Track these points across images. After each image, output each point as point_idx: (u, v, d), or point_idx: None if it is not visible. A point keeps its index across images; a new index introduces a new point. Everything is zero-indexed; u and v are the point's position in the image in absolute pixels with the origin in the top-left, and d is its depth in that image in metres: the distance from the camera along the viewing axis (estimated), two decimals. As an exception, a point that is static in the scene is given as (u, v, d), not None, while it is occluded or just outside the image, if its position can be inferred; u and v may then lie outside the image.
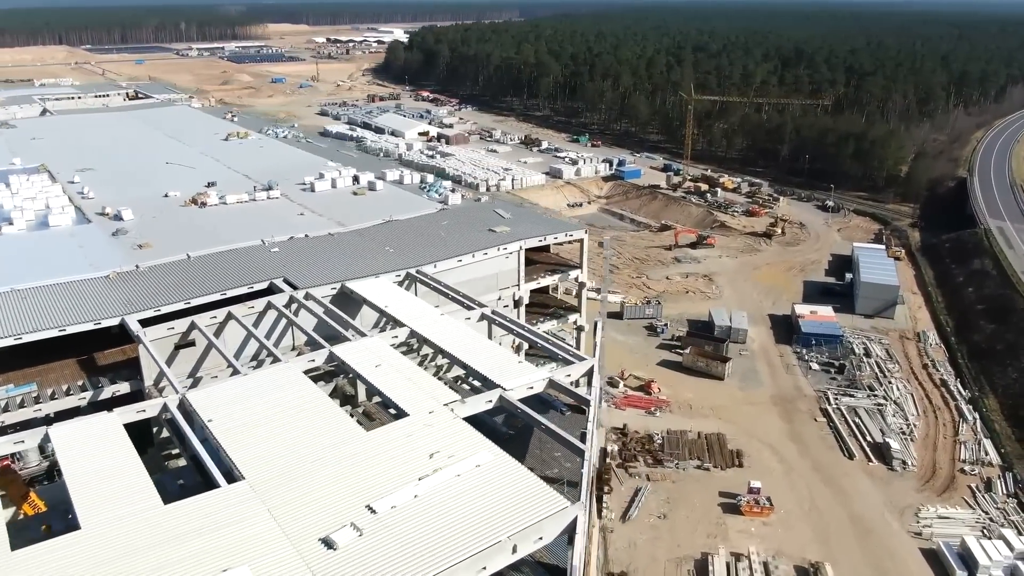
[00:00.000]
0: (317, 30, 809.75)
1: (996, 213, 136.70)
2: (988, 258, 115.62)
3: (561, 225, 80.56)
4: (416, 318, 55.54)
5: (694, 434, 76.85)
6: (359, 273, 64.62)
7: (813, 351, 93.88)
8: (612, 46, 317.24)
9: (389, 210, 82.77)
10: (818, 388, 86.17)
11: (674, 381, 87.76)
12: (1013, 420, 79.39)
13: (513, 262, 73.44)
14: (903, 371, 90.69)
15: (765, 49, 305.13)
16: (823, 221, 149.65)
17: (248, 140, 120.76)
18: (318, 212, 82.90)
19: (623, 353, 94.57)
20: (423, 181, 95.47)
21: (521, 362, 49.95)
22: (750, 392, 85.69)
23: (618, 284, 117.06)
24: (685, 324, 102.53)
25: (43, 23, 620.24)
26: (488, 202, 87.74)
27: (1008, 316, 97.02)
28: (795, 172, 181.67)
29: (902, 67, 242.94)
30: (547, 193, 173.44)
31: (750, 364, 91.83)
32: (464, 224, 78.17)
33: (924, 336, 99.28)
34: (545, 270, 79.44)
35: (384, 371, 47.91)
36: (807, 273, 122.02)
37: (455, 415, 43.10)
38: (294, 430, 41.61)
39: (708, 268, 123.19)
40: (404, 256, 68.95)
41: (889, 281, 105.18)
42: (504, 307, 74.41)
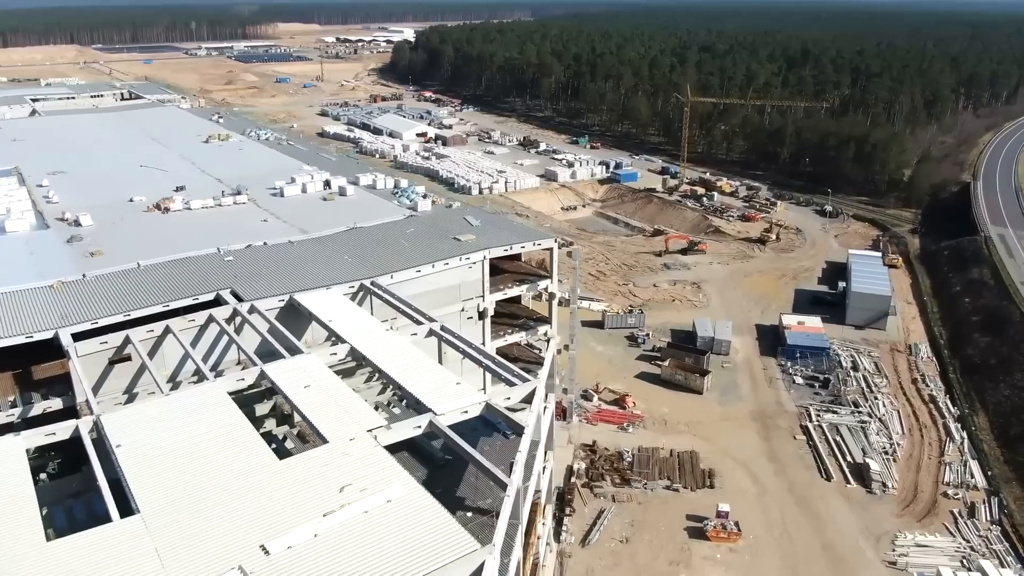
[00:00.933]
0: (328, 29, 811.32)
1: (998, 219, 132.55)
2: (986, 267, 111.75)
3: (530, 234, 77.74)
4: (358, 334, 52.97)
5: (666, 452, 73.99)
6: (312, 284, 62.07)
7: (798, 364, 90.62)
8: (616, 46, 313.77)
9: (355, 216, 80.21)
10: (800, 403, 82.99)
11: (651, 395, 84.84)
12: (1003, 440, 75.91)
13: (477, 272, 70.69)
14: (891, 386, 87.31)
15: (771, 50, 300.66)
16: (820, 227, 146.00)
17: (228, 142, 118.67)
18: (283, 218, 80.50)
19: (601, 364, 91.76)
20: (396, 186, 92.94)
21: (459, 383, 47.19)
22: (729, 407, 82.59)
23: (603, 292, 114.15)
24: (668, 334, 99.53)
25: (55, 23, 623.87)
26: (460, 208, 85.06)
27: (1003, 329, 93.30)
28: (796, 175, 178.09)
29: (909, 68, 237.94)
30: (540, 196, 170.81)
31: (732, 377, 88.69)
32: (429, 232, 75.51)
33: (916, 349, 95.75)
34: (514, 280, 76.66)
35: (312, 392, 45.34)
36: (800, 281, 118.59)
37: (376, 443, 40.48)
38: (204, 458, 39.11)
39: (697, 275, 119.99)
40: (361, 266, 66.36)
41: (881, 291, 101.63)
42: (468, 319, 71.90)
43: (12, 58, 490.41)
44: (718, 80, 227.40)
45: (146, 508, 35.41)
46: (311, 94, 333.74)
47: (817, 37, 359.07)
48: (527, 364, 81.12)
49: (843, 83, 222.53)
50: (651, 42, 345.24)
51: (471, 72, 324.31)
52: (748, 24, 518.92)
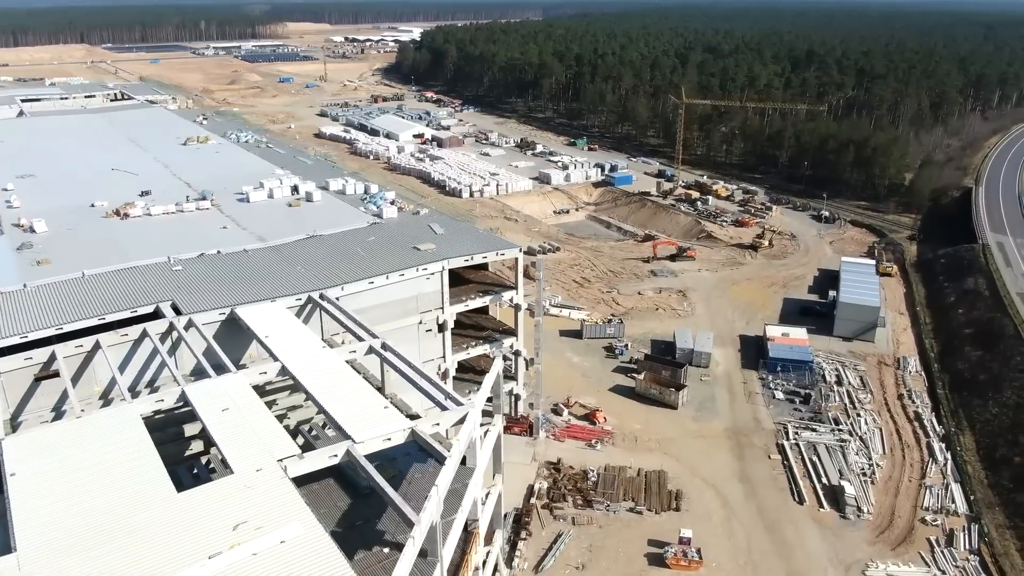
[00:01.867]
0: (338, 29, 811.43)
1: (999, 227, 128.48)
2: (982, 276, 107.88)
3: (495, 243, 75.03)
4: (293, 352, 50.46)
5: (634, 471, 71.03)
6: (258, 296, 59.69)
7: (780, 378, 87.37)
8: (620, 46, 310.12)
9: (319, 223, 77.91)
10: (779, 420, 79.75)
11: (624, 409, 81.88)
12: (988, 462, 72.40)
13: (435, 283, 68.14)
14: (875, 402, 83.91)
15: (776, 51, 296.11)
16: (816, 232, 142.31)
17: (206, 145, 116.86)
18: (243, 225, 78.30)
19: (575, 377, 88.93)
20: (366, 191, 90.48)
21: (387, 407, 44.51)
22: (704, 424, 79.50)
23: (586, 299, 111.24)
24: (648, 345, 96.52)
25: (66, 22, 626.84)
26: (427, 215, 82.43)
27: (995, 343, 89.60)
28: (795, 179, 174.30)
29: (915, 69, 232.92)
30: (533, 200, 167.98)
31: (709, 391, 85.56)
32: (390, 241, 73.02)
33: (905, 362, 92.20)
34: (478, 291, 74.00)
35: (229, 416, 42.89)
36: (789, 289, 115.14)
37: (284, 474, 37.93)
38: (98, 490, 36.69)
39: (684, 283, 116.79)
40: (312, 277, 63.94)
41: (869, 302, 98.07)
42: (427, 331, 69.40)
43: (21, 57, 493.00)
44: (719, 81, 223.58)
45: (24, 546, 33.06)
46: (313, 94, 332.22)
47: (826, 37, 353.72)
48: (493, 377, 78.71)
49: (847, 85, 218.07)
50: (655, 42, 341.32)
51: (473, 73, 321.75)
52: (758, 24, 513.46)
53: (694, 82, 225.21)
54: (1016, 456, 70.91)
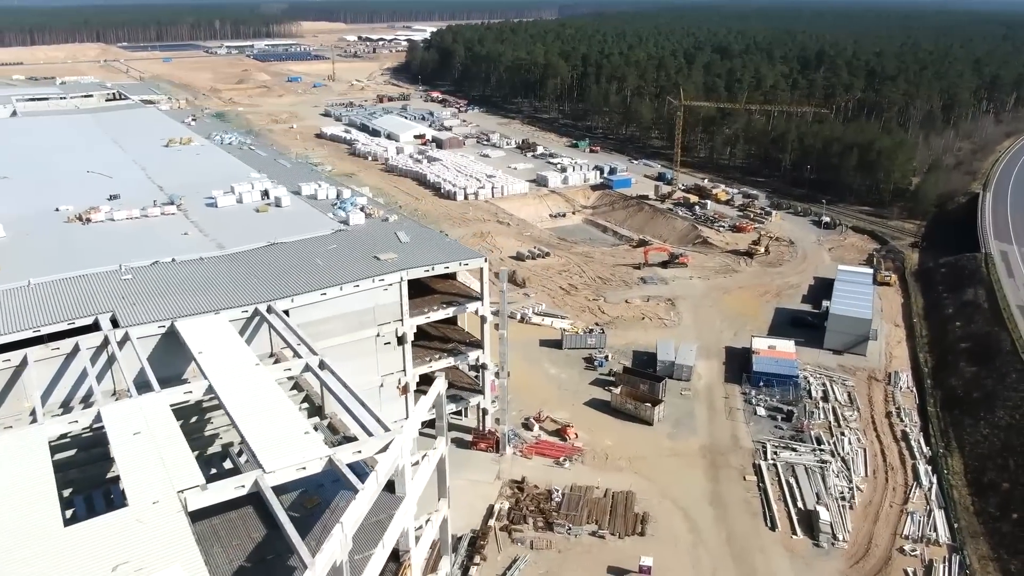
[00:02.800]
0: (353, 28, 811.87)
1: (1004, 235, 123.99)
2: (982, 287, 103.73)
3: (459, 252, 72.25)
4: (223, 369, 48.13)
5: (601, 491, 68.12)
6: (205, 307, 57.49)
7: (763, 393, 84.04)
8: (627, 46, 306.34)
9: (283, 230, 75.75)
10: (758, 438, 76.45)
11: (597, 425, 78.96)
12: (975, 487, 68.76)
13: (394, 295, 65.61)
14: (862, 420, 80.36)
15: (787, 51, 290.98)
16: (815, 239, 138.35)
17: (188, 147, 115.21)
18: (205, 231, 76.26)
19: (551, 390, 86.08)
20: (339, 196, 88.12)
21: (308, 433, 41.98)
22: (679, 441, 76.39)
23: (571, 307, 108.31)
24: (630, 356, 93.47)
25: (82, 21, 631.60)
26: (396, 221, 79.89)
27: (991, 359, 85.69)
28: (799, 183, 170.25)
29: (927, 70, 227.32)
30: (529, 203, 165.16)
31: (688, 407, 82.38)
32: (351, 250, 70.61)
33: (896, 377, 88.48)
34: (442, 302, 71.41)
35: (139, 441, 40.58)
36: (783, 299, 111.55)
37: (183, 508, 35.52)
38: (-18, 521, 34.55)
39: (674, 291, 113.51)
40: (263, 287, 61.65)
41: (861, 314, 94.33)
42: (385, 344, 66.92)
43: (36, 56, 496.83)
44: (724, 83, 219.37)
45: None
46: (319, 94, 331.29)
47: (840, 38, 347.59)
48: (460, 390, 76.28)
49: (855, 86, 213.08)
50: (665, 43, 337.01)
51: (480, 73, 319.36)
52: (773, 24, 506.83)
53: (699, 83, 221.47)
54: (1004, 481, 67.26)
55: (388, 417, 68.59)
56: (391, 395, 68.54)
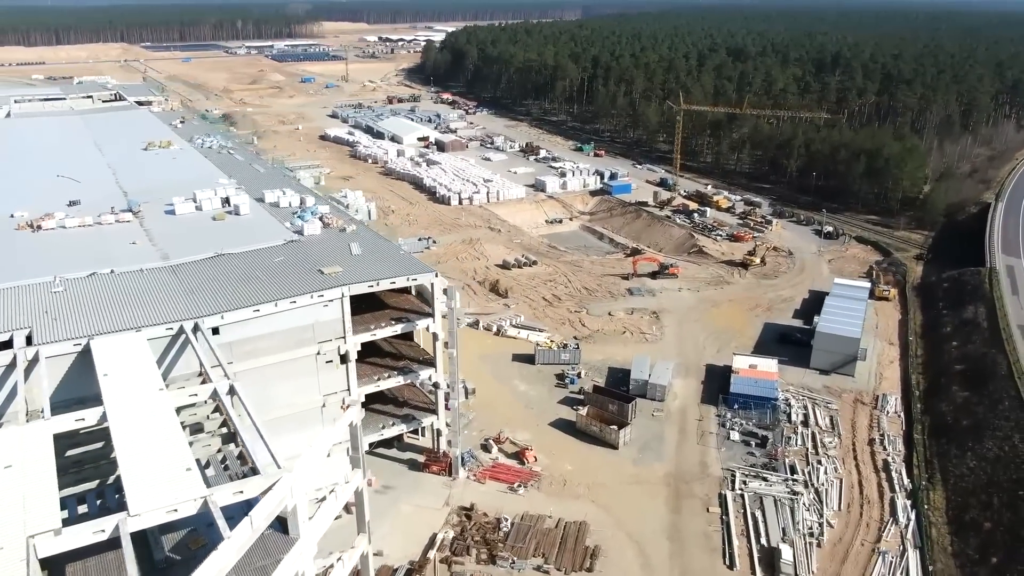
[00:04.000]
0: (375, 28, 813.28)
1: (1013, 248, 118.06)
2: (983, 305, 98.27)
3: (409, 267, 68.84)
4: (122, 394, 45.30)
5: (553, 521, 64.44)
6: (127, 324, 54.84)
7: (739, 416, 79.76)
8: (639, 48, 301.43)
9: (235, 239, 73.14)
10: (728, 466, 72.25)
11: (560, 448, 75.27)
12: (956, 525, 64.01)
13: (335, 311, 62.50)
14: (842, 447, 75.79)
15: (804, 53, 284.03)
16: (816, 249, 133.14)
17: (166, 150, 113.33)
18: (154, 241, 73.82)
19: (517, 408, 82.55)
20: (302, 204, 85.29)
21: (190, 470, 38.85)
22: (644, 467, 72.44)
23: (552, 320, 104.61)
24: (604, 373, 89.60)
25: (107, 21, 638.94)
26: (353, 232, 76.78)
27: (985, 383, 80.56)
28: (805, 190, 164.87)
29: (944, 74, 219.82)
30: (525, 208, 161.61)
31: (658, 429, 78.36)
32: (297, 262, 67.64)
33: (884, 401, 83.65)
34: (392, 318, 68.21)
35: (8, 476, 37.79)
36: (773, 313, 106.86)
37: (30, 554, 32.60)
38: None
39: (660, 303, 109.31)
40: (195, 302, 58.86)
41: (849, 332, 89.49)
42: (327, 362, 63.82)
43: (59, 56, 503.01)
44: (735, 86, 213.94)
45: None
46: (331, 94, 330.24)
47: (862, 39, 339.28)
48: (415, 409, 73.07)
49: (869, 90, 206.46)
50: (680, 44, 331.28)
51: (491, 74, 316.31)
52: (796, 26, 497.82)
53: (708, 86, 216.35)
54: (987, 521, 62.49)
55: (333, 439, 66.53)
56: (335, 415, 65.45)
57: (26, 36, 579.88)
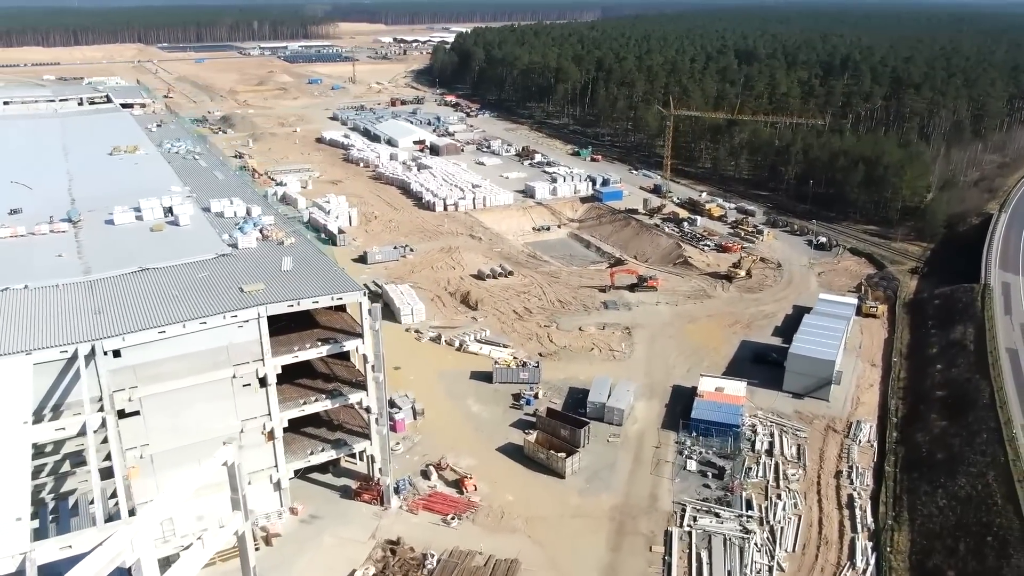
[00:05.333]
0: (393, 29, 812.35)
1: (1012, 264, 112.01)
2: (972, 325, 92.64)
3: (338, 285, 65.00)
4: (-21, 428, 42.02)
5: (483, 558, 60.34)
6: (19, 346, 51.62)
7: (699, 444, 75.14)
8: (645, 50, 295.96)
9: (165, 252, 70.05)
10: (680, 499, 67.70)
11: (504, 475, 71.14)
12: (919, 571, 58.98)
13: (251, 332, 58.88)
14: (806, 480, 70.91)
15: (815, 55, 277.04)
16: (807, 261, 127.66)
17: (132, 155, 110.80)
18: (81, 254, 70.89)
19: (467, 431, 78.50)
20: (248, 213, 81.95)
21: (21, 519, 35.35)
22: (589, 498, 68.11)
23: (519, 335, 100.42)
24: (564, 394, 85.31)
25: (124, 22, 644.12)
26: (291, 245, 73.19)
27: (965, 412, 75.23)
28: (803, 198, 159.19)
29: (955, 78, 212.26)
30: (511, 215, 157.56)
31: (612, 457, 73.94)
32: (220, 279, 64.19)
33: (858, 429, 78.52)
34: (319, 338, 64.53)
35: None
36: (753, 330, 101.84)
37: None
38: None
39: (635, 318, 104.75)
40: (99, 322, 55.57)
41: (824, 354, 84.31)
42: (244, 386, 60.22)
43: (74, 56, 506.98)
44: (736, 90, 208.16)
45: None
46: (336, 96, 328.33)
47: (877, 41, 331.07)
48: (349, 433, 69.33)
49: (876, 94, 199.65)
50: (689, 46, 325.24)
51: (495, 76, 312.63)
52: (814, 26, 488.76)
53: (711, 90, 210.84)
54: (950, 568, 57.47)
55: (252, 466, 63.07)
56: (255, 441, 61.98)
57: (45, 36, 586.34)
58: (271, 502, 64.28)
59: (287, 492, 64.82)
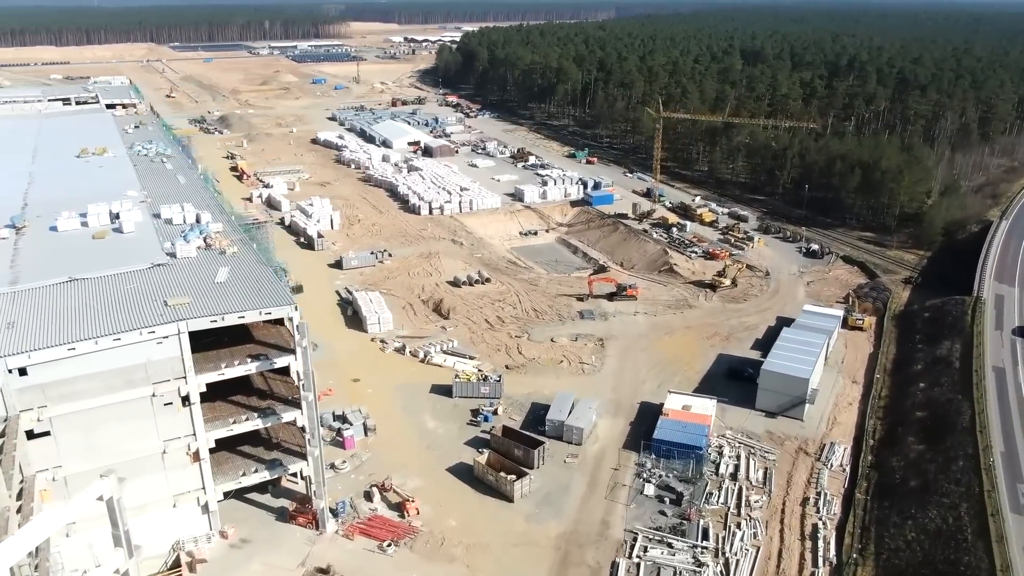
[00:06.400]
0: (406, 29, 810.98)
1: (1008, 275, 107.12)
2: (960, 340, 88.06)
3: (274, 298, 61.86)
4: None
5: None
6: (-79, 363, 49.03)
7: (659, 466, 71.36)
8: (648, 50, 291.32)
9: (100, 261, 67.25)
10: (633, 527, 63.99)
11: (451, 498, 67.76)
12: (879, 612, 55.01)
13: (171, 348, 55.83)
14: (770, 508, 66.93)
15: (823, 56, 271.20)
16: (797, 269, 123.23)
17: (99, 158, 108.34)
18: (14, 262, 68.09)
19: (419, 449, 75.21)
20: (198, 220, 79.06)
21: None
22: (537, 525, 64.54)
23: (488, 346, 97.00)
24: (526, 410, 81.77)
25: (137, 22, 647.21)
26: (233, 255, 70.17)
27: (944, 436, 70.90)
28: (799, 203, 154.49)
29: (963, 79, 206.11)
30: (498, 219, 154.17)
31: (566, 479, 70.34)
32: (148, 291, 61.22)
33: (830, 452, 74.38)
34: (249, 354, 61.41)
35: None
36: (731, 343, 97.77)
37: None
38: None
39: (610, 329, 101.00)
40: (7, 338, 52.81)
41: (798, 371, 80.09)
42: (166, 405, 57.26)
43: (84, 56, 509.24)
44: (735, 92, 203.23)
45: None
46: (338, 96, 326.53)
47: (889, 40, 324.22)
48: (287, 453, 66.22)
49: (880, 96, 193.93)
50: (695, 47, 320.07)
51: (497, 77, 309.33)
52: (829, 26, 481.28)
53: (711, 91, 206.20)
54: (912, 611, 53.43)
55: (176, 489, 60.09)
56: (179, 462, 59.04)
57: (59, 36, 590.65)
58: (199, 525, 61.37)
59: (216, 515, 61.83)
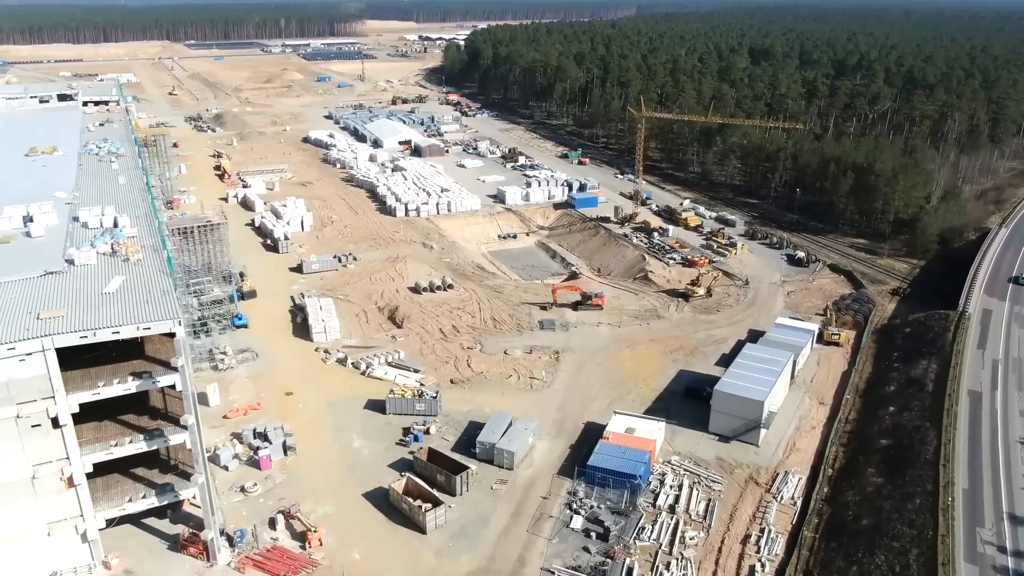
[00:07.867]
0: (422, 27, 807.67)
1: (999, 289, 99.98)
2: (938, 360, 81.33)
3: (159, 311, 57.18)
4: None
5: (299, 633, 52.07)
6: None
7: (592, 496, 65.80)
8: (651, 49, 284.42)
9: (2, 266, 63.15)
10: (551, 565, 58.52)
11: (361, 528, 62.73)
12: (808, 673, 49.04)
13: (35, 367, 51.37)
14: (707, 545, 61.09)
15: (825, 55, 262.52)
16: (779, 278, 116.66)
17: (48, 157, 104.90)
18: (-96, 269, 64.25)
19: (338, 472, 70.31)
20: (116, 225, 74.59)
21: None
22: (448, 560, 59.29)
23: (436, 358, 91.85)
24: (462, 428, 76.60)
25: (153, 20, 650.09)
26: (138, 262, 65.70)
27: (904, 469, 64.55)
28: (791, 207, 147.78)
29: (973, 79, 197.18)
30: (476, 222, 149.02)
31: (488, 508, 65.02)
32: (21, 302, 56.76)
33: (783, 483, 68.31)
34: (132, 372, 56.84)
35: None
36: (695, 358, 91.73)
37: None
38: None
39: (569, 341, 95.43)
40: None
41: (753, 393, 73.90)
42: (33, 426, 52.85)
43: (98, 53, 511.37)
44: (734, 91, 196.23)
45: None
46: (340, 94, 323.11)
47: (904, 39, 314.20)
48: (181, 477, 61.55)
49: (885, 95, 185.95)
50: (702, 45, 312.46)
51: (499, 75, 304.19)
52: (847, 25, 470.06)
53: (708, 90, 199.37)
54: (842, 674, 47.42)
55: (50, 516, 55.65)
56: (52, 488, 54.61)
57: (76, 33, 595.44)
58: (79, 555, 56.96)
59: (98, 544, 57.36)
